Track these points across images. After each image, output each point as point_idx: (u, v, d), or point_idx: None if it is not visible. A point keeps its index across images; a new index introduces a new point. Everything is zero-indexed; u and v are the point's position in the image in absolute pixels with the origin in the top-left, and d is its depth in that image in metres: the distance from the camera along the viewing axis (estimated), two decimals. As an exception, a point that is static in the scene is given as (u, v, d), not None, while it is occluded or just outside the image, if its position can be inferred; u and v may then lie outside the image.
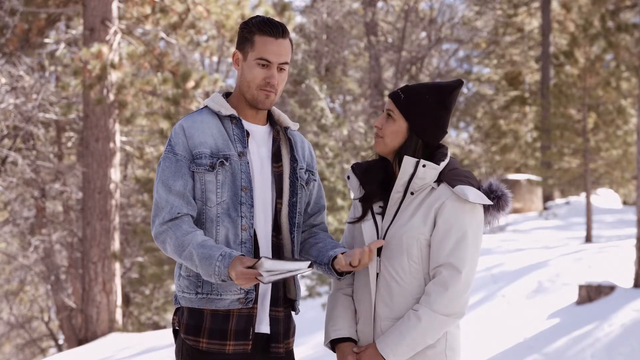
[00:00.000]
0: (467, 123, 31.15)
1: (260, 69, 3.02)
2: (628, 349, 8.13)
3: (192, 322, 3.02)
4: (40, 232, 17.90)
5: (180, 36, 14.53)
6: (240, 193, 3.00)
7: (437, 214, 3.01)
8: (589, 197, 15.55)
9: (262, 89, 3.03)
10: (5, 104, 15.09)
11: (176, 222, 2.97)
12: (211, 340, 2.99)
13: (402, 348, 2.96)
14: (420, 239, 3.02)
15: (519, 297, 10.51)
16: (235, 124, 3.06)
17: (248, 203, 3.00)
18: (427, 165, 3.02)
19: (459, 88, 3.09)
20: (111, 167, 14.22)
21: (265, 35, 3.02)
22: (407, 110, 3.05)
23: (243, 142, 3.04)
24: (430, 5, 28.11)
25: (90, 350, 13.05)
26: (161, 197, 3.00)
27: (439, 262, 3.00)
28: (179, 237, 2.94)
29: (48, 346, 21.55)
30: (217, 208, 3.00)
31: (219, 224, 3.00)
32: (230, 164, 3.00)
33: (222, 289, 2.98)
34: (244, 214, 3.00)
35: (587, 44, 15.69)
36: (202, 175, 3.00)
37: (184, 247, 2.93)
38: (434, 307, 2.96)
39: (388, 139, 3.06)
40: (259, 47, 3.01)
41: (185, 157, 3.01)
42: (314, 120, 13.13)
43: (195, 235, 2.94)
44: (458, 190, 2.99)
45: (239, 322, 2.99)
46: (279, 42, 3.02)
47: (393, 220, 3.07)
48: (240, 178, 3.01)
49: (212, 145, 3.01)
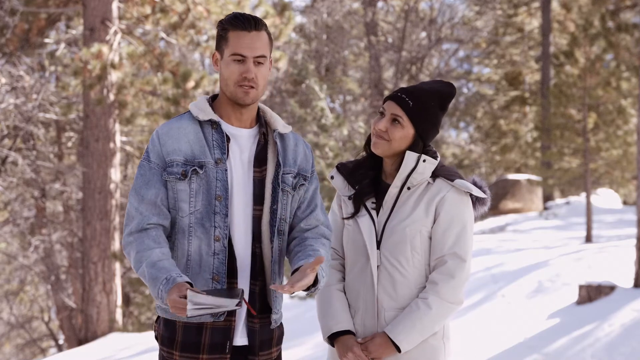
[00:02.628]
0: (467, 123, 31.16)
1: (236, 65, 2.94)
2: (628, 349, 8.13)
3: (166, 334, 2.97)
4: (40, 232, 17.90)
5: (180, 36, 14.53)
6: (215, 202, 2.90)
7: (438, 207, 3.16)
8: (589, 197, 15.54)
9: (240, 84, 2.94)
10: (5, 104, 15.09)
11: (141, 234, 2.89)
12: (183, 353, 2.93)
13: (414, 335, 3.09)
14: (422, 231, 3.15)
15: (519, 297, 10.51)
16: (215, 128, 2.96)
17: (222, 213, 2.90)
18: (427, 160, 3.17)
19: (455, 93, 3.26)
20: (111, 167, 14.22)
21: (237, 30, 2.95)
22: (416, 118, 3.17)
23: (222, 147, 2.94)
24: (430, 5, 28.11)
25: (90, 350, 13.05)
26: (132, 206, 2.93)
27: (442, 252, 3.15)
28: (138, 252, 2.87)
29: (48, 346, 21.56)
30: (190, 218, 2.91)
31: (191, 235, 2.92)
32: (206, 172, 2.91)
33: None
34: (218, 224, 2.90)
35: (587, 44, 15.69)
36: (174, 184, 2.92)
37: (140, 263, 2.85)
38: (442, 294, 3.11)
39: (396, 143, 3.17)
40: (232, 43, 2.94)
41: (159, 164, 2.93)
42: (314, 120, 13.13)
43: (152, 252, 2.84)
44: (459, 184, 3.16)
45: (214, 335, 2.92)
46: (252, 35, 2.94)
47: (391, 215, 3.18)
48: (215, 186, 2.91)
49: (186, 152, 2.92)
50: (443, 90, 3.21)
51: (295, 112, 13.63)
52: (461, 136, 33.15)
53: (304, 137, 16.51)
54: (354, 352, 3.12)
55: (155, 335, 3.06)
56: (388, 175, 3.25)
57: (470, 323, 9.70)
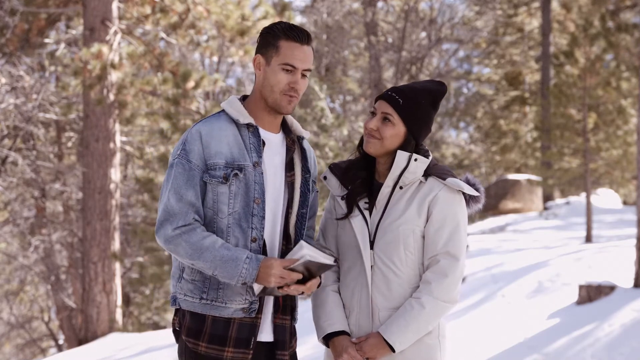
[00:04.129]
0: (467, 123, 31.16)
1: (285, 74, 3.01)
2: (628, 349, 8.13)
3: (193, 326, 3.03)
4: (40, 232, 17.90)
5: (180, 36, 14.53)
6: (253, 205, 2.99)
7: (430, 206, 3.15)
8: (589, 197, 15.54)
9: (286, 93, 3.02)
10: (5, 104, 15.09)
11: (190, 227, 2.97)
12: (210, 345, 3.01)
13: (408, 335, 3.09)
14: (415, 231, 3.15)
15: (519, 297, 10.51)
16: (252, 132, 3.04)
17: (259, 215, 3.00)
18: (418, 159, 3.17)
19: (446, 91, 3.27)
20: (111, 167, 14.22)
21: (291, 41, 3.02)
22: (406, 116, 3.17)
23: (259, 151, 3.02)
24: (430, 5, 28.10)
25: (90, 350, 13.05)
26: (172, 204, 2.99)
27: (435, 251, 3.14)
28: (196, 241, 2.94)
29: (48, 346, 21.55)
30: (229, 219, 3.00)
31: (229, 235, 3.00)
32: (245, 175, 2.99)
33: (227, 297, 3.00)
34: (255, 226, 3.00)
35: (587, 44, 15.69)
36: (215, 187, 2.99)
37: (202, 249, 2.93)
38: (435, 294, 3.10)
39: (387, 141, 3.17)
40: (284, 52, 3.01)
41: (199, 166, 3.00)
42: (314, 120, 13.14)
43: (214, 238, 2.95)
44: (451, 182, 3.15)
45: (240, 330, 3.01)
46: (304, 49, 3.03)
47: (384, 214, 3.18)
48: (254, 189, 3.00)
49: (227, 155, 2.99)
50: (434, 88, 3.22)
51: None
52: (461, 136, 33.16)
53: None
54: (348, 353, 3.13)
55: (177, 327, 3.10)
56: (381, 175, 3.26)
57: (470, 323, 9.70)
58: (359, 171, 3.26)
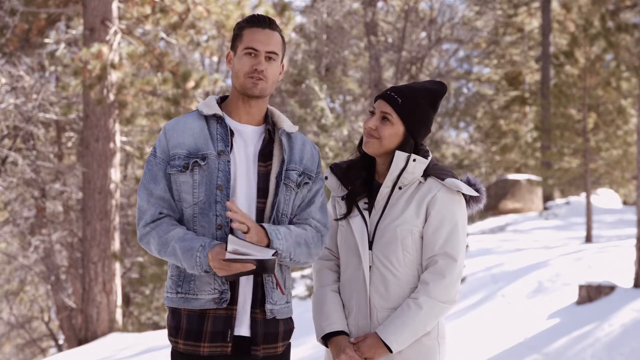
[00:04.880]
0: (467, 123, 31.17)
1: (248, 58, 3.07)
2: (628, 349, 8.13)
3: (172, 323, 3.06)
4: (40, 232, 17.90)
5: (180, 36, 14.53)
6: (216, 192, 3.01)
7: (429, 206, 3.15)
8: (589, 197, 15.55)
9: (250, 76, 3.06)
10: (5, 104, 15.09)
11: (157, 223, 3.03)
12: (187, 341, 3.01)
13: (405, 335, 3.09)
14: (413, 231, 3.15)
15: (519, 297, 10.51)
16: (220, 123, 3.08)
17: (223, 202, 3.01)
18: (417, 159, 3.17)
19: (446, 91, 3.28)
20: (111, 167, 14.22)
21: (252, 27, 3.08)
22: (405, 115, 3.18)
23: (226, 140, 3.05)
24: (430, 5, 28.10)
25: (90, 350, 13.05)
26: (142, 201, 3.07)
27: (433, 252, 3.14)
28: (161, 236, 3.00)
29: (48, 346, 21.56)
30: (194, 208, 3.03)
31: (195, 224, 3.03)
32: (208, 163, 3.02)
33: (197, 289, 3.00)
34: (219, 213, 3.00)
35: (587, 44, 15.69)
36: (177, 176, 3.04)
37: (167, 243, 2.98)
38: (433, 294, 3.09)
39: (386, 141, 3.17)
40: (246, 38, 3.08)
41: (163, 159, 3.07)
42: (314, 120, 13.13)
43: (176, 230, 2.99)
44: (449, 183, 3.15)
45: (215, 324, 2.99)
46: (266, 32, 3.08)
47: (383, 215, 3.18)
48: (217, 177, 3.02)
49: (190, 146, 3.04)
50: (433, 88, 3.23)
51: (295, 112, 13.64)
52: (461, 136, 33.16)
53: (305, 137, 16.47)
54: (346, 353, 3.12)
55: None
56: (380, 175, 3.26)
57: (471, 323, 9.70)
58: (359, 171, 3.26)
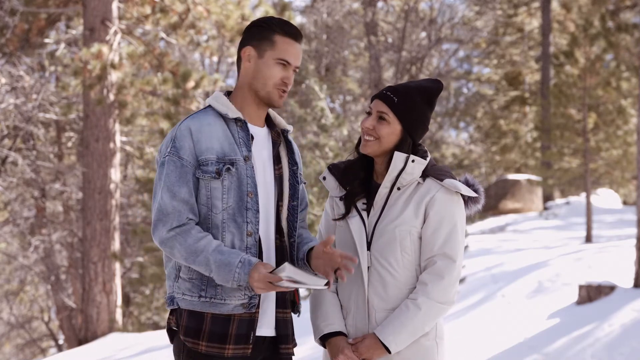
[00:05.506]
0: (467, 123, 31.17)
1: (280, 69, 3.04)
2: (628, 349, 8.13)
3: (192, 325, 3.01)
4: (40, 232, 17.90)
5: (180, 36, 14.53)
6: (246, 198, 2.99)
7: (427, 207, 3.15)
8: (589, 197, 15.55)
9: (279, 88, 3.05)
10: (5, 104, 15.09)
11: (184, 229, 2.96)
12: (210, 343, 2.99)
13: (403, 336, 3.08)
14: (412, 232, 3.15)
15: (519, 297, 10.51)
16: (241, 126, 3.05)
17: (254, 208, 3.00)
18: (415, 160, 3.16)
19: (442, 89, 3.26)
20: (111, 167, 14.22)
21: (287, 37, 3.05)
22: (401, 113, 3.17)
23: (248, 145, 3.03)
24: (430, 5, 28.10)
25: (90, 350, 13.05)
26: (166, 203, 2.97)
27: (432, 252, 3.14)
28: (190, 244, 2.94)
29: (48, 346, 21.56)
30: (223, 214, 2.99)
31: (224, 230, 2.99)
32: (237, 169, 2.99)
33: (225, 294, 2.98)
34: (250, 220, 2.99)
35: (587, 44, 15.69)
36: (208, 182, 2.98)
37: (197, 253, 2.93)
38: (431, 295, 3.09)
39: (384, 140, 3.17)
40: (280, 47, 3.03)
41: (191, 162, 2.99)
42: (314, 120, 13.13)
43: (208, 240, 2.94)
44: (448, 184, 3.15)
45: (240, 327, 2.99)
46: (297, 46, 3.07)
47: (381, 215, 3.18)
48: (247, 183, 3.00)
49: (218, 150, 2.99)
50: (428, 85, 3.22)
51: (295, 112, 13.64)
52: (461, 136, 33.16)
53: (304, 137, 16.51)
54: (345, 354, 3.12)
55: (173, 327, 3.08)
56: (379, 176, 3.25)
57: (471, 323, 9.70)
58: (357, 172, 3.26)
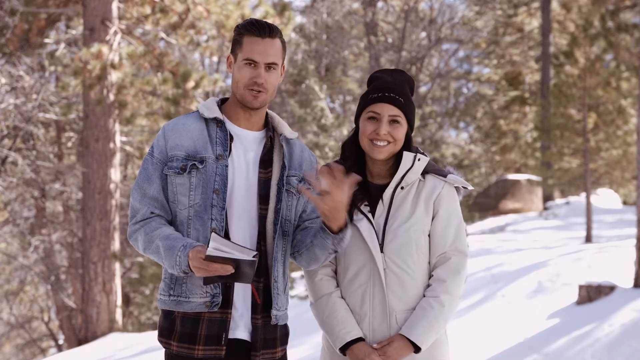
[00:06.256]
0: (467, 123, 31.17)
1: (248, 69, 3.05)
2: (628, 349, 8.13)
3: (165, 325, 3.04)
4: (40, 232, 17.90)
5: (180, 36, 14.53)
6: (212, 195, 2.99)
7: (436, 204, 3.17)
8: (589, 197, 15.54)
9: (249, 88, 3.05)
10: (5, 104, 15.09)
11: (147, 221, 3.02)
12: (180, 343, 2.99)
13: (432, 334, 3.11)
14: (425, 230, 3.16)
15: (519, 297, 10.51)
16: (220, 127, 3.07)
17: (219, 206, 2.99)
18: (421, 159, 3.17)
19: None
20: (111, 167, 14.22)
21: (252, 36, 3.05)
22: (408, 113, 3.18)
23: (225, 145, 3.04)
24: (430, 5, 28.11)
25: (90, 350, 13.05)
26: (135, 200, 3.06)
27: (445, 248, 3.16)
28: (148, 233, 2.98)
29: (48, 346, 21.57)
30: (189, 210, 3.01)
31: (189, 227, 3.01)
32: (205, 167, 3.01)
33: (189, 292, 2.98)
34: (214, 217, 2.98)
35: (587, 44, 15.69)
36: (173, 178, 3.02)
37: (152, 241, 2.97)
38: (451, 291, 3.13)
39: (399, 143, 3.16)
40: (246, 48, 3.05)
41: (161, 159, 3.05)
42: (314, 120, 13.14)
43: (162, 229, 2.98)
44: (453, 179, 3.18)
45: (210, 327, 2.97)
46: (266, 42, 3.05)
47: (389, 216, 3.16)
48: (214, 181, 3.00)
49: (189, 148, 3.02)
50: (408, 78, 3.25)
51: (295, 112, 13.65)
52: (461, 136, 33.16)
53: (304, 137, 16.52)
54: (372, 359, 3.08)
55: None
56: (375, 176, 3.22)
57: (470, 323, 9.70)
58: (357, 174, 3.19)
